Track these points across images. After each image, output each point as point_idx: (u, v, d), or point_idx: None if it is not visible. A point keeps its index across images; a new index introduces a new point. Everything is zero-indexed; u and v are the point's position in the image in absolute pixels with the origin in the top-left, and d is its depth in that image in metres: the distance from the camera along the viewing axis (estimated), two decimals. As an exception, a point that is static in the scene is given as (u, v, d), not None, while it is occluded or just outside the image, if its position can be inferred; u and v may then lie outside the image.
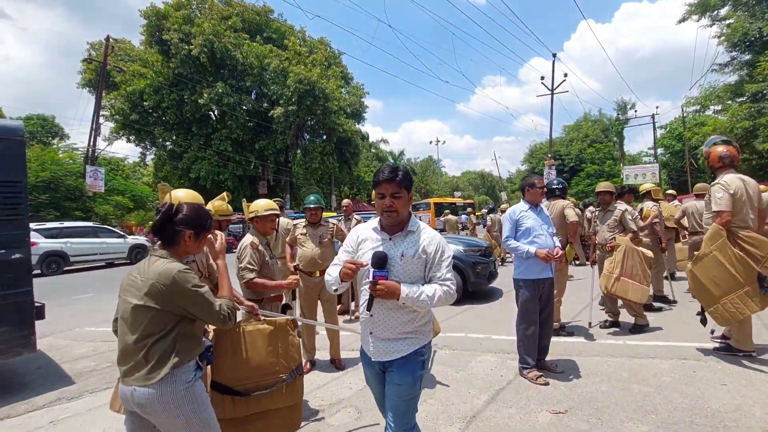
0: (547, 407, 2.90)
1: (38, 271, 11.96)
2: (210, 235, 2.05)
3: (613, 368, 3.54)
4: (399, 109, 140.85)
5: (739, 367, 3.37)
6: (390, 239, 1.78)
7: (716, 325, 3.80)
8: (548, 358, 3.65)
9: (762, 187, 5.42)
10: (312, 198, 4.09)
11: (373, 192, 1.80)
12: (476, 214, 14.89)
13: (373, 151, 40.43)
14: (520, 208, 3.60)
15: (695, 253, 3.71)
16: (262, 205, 3.09)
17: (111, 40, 20.60)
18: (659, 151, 32.44)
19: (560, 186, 4.72)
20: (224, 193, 3.14)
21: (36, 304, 3.77)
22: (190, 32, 24.37)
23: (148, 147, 28.95)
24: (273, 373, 2.38)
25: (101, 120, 20.06)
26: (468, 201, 32.85)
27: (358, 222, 6.41)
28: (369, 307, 1.74)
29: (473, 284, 6.39)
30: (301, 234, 4.09)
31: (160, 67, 25.46)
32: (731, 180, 3.53)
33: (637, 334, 4.41)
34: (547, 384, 3.26)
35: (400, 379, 1.76)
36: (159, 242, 1.70)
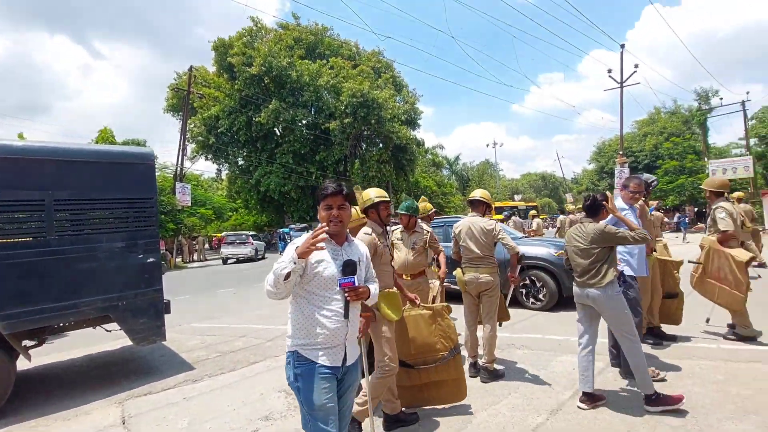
0: (636, 403, 2.93)
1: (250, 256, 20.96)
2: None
3: (707, 371, 3.43)
4: (452, 113, 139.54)
5: None
6: (341, 248, 1.87)
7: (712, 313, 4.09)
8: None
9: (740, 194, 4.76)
10: (403, 204, 4.25)
11: (320, 206, 1.87)
12: (540, 217, 14.34)
13: (429, 156, 40.56)
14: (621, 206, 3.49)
15: None
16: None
17: (193, 70, 22.97)
18: (752, 141, 28.91)
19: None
20: (423, 197, 3.92)
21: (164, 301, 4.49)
22: (250, 55, 26.43)
23: (223, 164, 31.67)
24: (435, 351, 2.96)
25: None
26: (531, 204, 31.68)
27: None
28: (347, 314, 1.78)
29: (568, 289, 5.94)
30: (397, 239, 4.28)
31: (229, 89, 27.86)
32: None
33: (735, 339, 4.15)
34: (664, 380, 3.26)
35: (355, 377, 1.91)
36: (585, 215, 3.10)
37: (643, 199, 3.94)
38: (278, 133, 30.14)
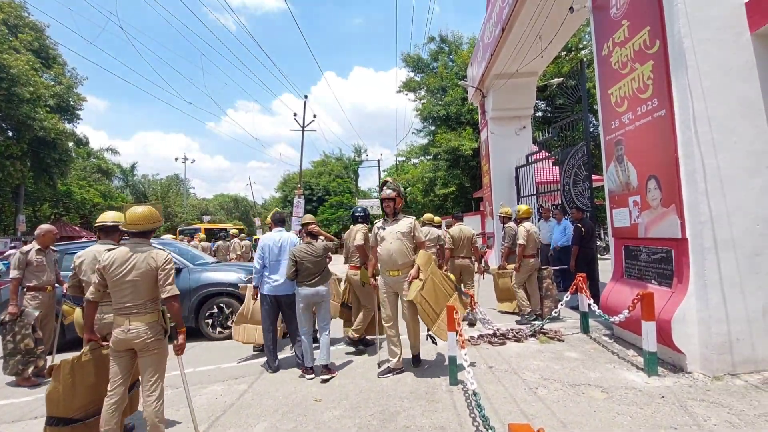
0: (263, 419, 3.19)
1: None
2: None
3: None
4: (135, 114, 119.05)
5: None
6: None
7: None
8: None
9: (437, 219, 7.62)
10: None
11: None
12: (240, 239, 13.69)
13: (94, 160, 32.58)
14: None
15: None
16: None
17: None
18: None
19: (361, 213, 5.12)
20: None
21: None
22: None
23: None
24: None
25: None
26: (239, 227, 30.92)
27: (57, 257, 4.97)
28: None
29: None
30: None
31: None
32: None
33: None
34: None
35: None
36: (305, 235, 4.27)
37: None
38: None
